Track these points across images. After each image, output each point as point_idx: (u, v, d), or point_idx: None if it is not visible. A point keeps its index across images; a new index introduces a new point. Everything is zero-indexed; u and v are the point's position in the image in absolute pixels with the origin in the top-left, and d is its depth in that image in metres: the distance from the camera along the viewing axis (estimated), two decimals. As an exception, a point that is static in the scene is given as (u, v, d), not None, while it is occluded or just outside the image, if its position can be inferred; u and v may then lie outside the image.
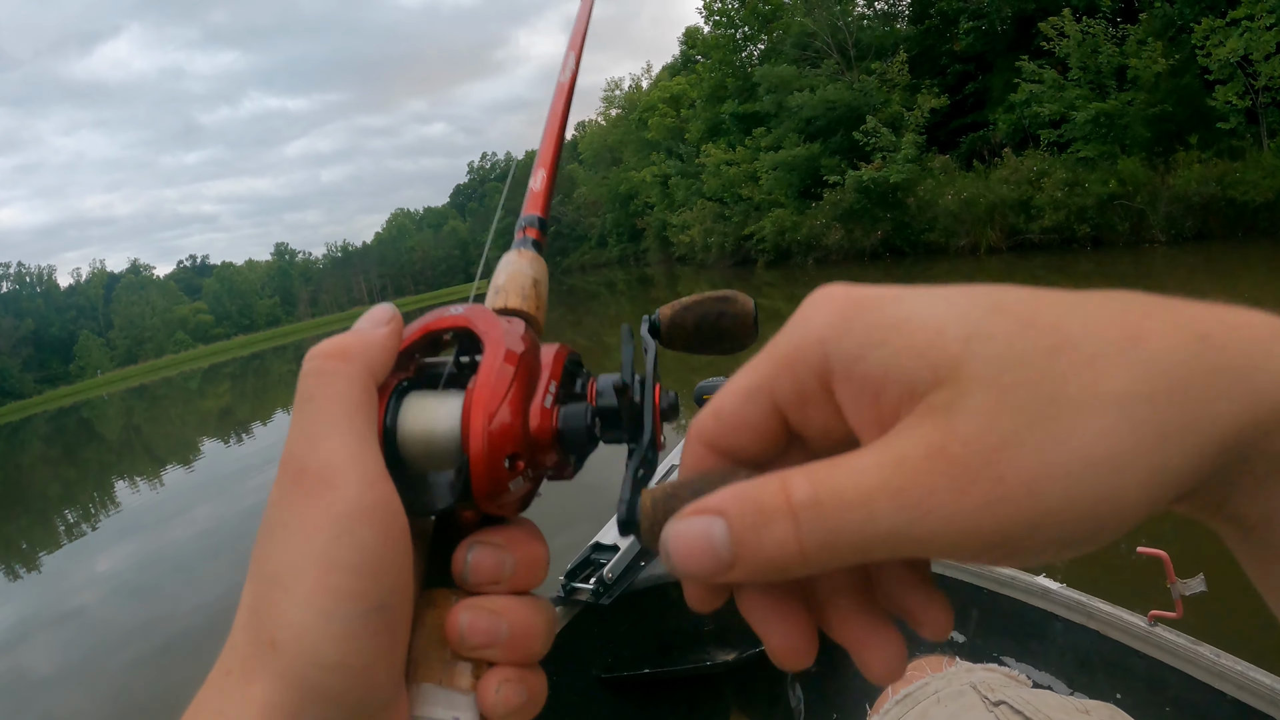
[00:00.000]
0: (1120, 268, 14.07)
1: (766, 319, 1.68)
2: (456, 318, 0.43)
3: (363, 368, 0.38)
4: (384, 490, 0.35)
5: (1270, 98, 14.13)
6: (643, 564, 2.36)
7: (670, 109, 44.78)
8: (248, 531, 6.00)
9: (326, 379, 0.37)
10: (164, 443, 22.07)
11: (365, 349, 0.39)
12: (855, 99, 23.35)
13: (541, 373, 0.41)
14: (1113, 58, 16.13)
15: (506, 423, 0.38)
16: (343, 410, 0.36)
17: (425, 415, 0.40)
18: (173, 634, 6.36)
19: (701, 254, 34.48)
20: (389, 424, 0.39)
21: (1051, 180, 16.68)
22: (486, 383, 0.38)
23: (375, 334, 0.40)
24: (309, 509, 0.34)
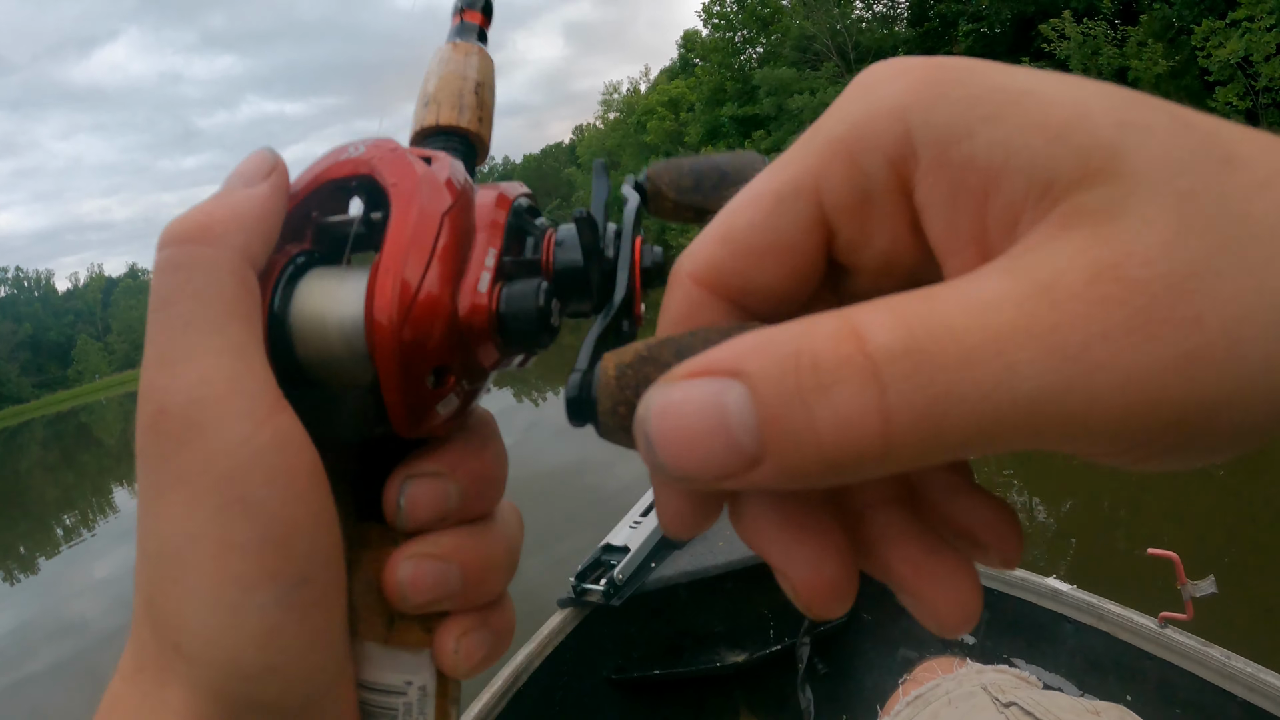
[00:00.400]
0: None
1: None
2: (356, 159, 0.30)
3: (233, 249, 0.27)
4: (280, 424, 0.26)
5: (1270, 98, 14.14)
6: (653, 565, 2.36)
7: (669, 112, 44.79)
8: None
9: (184, 273, 0.26)
10: None
11: (235, 219, 0.28)
12: (855, 101, 23.39)
13: (477, 235, 0.29)
14: (1113, 59, 16.13)
15: (424, 318, 0.27)
16: (210, 315, 0.26)
17: (322, 306, 0.29)
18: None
19: (700, 257, 34.38)
20: (278, 318, 0.28)
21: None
22: (392, 258, 0.27)
23: (250, 195, 0.29)
24: (181, 464, 0.25)
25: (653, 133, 44.94)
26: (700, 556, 2.40)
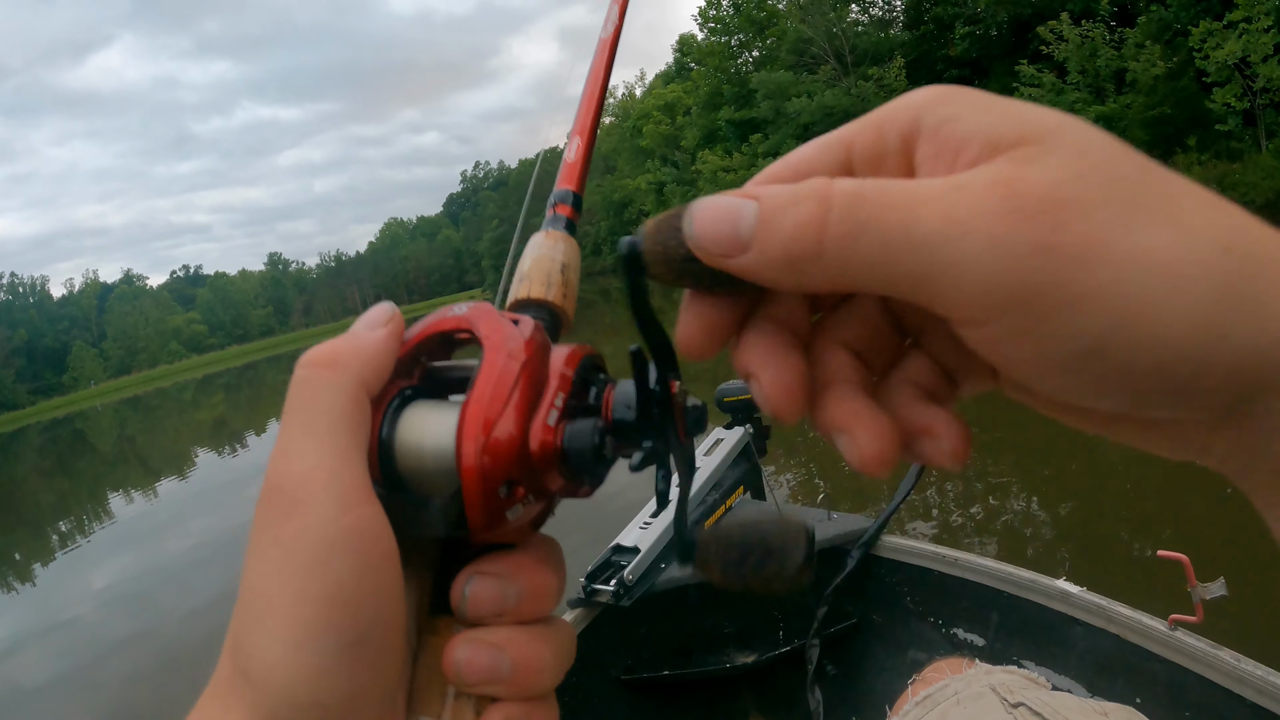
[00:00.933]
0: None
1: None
2: (459, 318, 0.38)
3: (353, 376, 0.34)
4: (365, 514, 0.32)
5: (1268, 99, 14.17)
6: (663, 566, 2.34)
7: (665, 116, 44.88)
8: (242, 543, 6.08)
9: (311, 389, 0.34)
10: (158, 454, 21.95)
11: (358, 355, 0.35)
12: (853, 105, 23.35)
13: (549, 382, 0.36)
14: (1111, 61, 16.14)
15: (501, 445, 0.34)
16: (326, 423, 0.32)
17: (421, 431, 0.36)
18: (168, 646, 6.29)
19: (698, 260, 34.37)
20: (385, 437, 0.35)
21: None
22: (480, 398, 0.34)
23: (371, 337, 0.36)
24: (282, 532, 0.31)
25: (648, 137, 45.05)
26: None
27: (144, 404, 46.36)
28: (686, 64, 48.52)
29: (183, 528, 10.77)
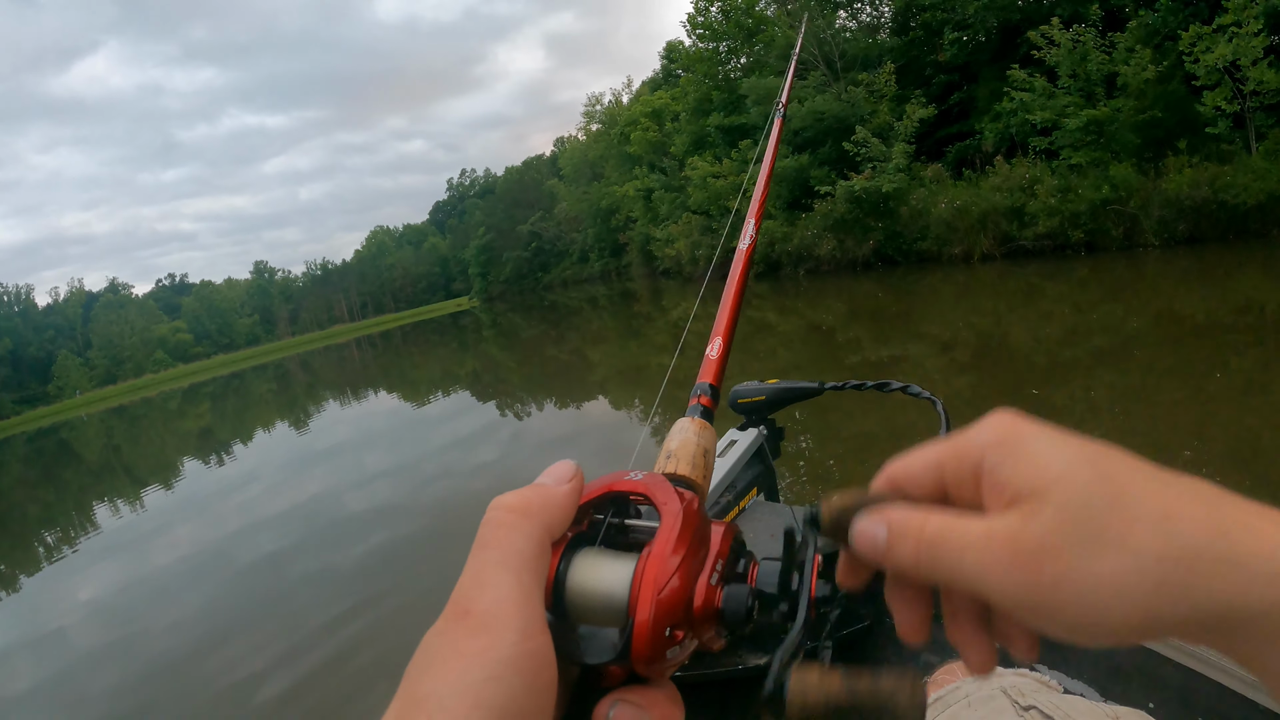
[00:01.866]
0: (1115, 271, 14.17)
1: (756, 330, 5.22)
2: (636, 483, 0.47)
3: (539, 523, 0.41)
4: (540, 643, 0.37)
5: (1258, 102, 14.26)
6: None
7: (652, 123, 44.81)
8: (227, 553, 5.90)
9: (503, 530, 0.40)
10: (143, 464, 21.82)
11: (544, 506, 0.42)
12: (843, 110, 23.36)
13: (710, 550, 0.44)
14: (1102, 65, 16.19)
15: (675, 595, 0.41)
16: (514, 562, 0.39)
17: (595, 573, 0.43)
18: (153, 658, 6.23)
19: (688, 267, 34.33)
20: (560, 575, 0.42)
21: (1045, 187, 16.71)
22: (661, 554, 0.42)
23: (556, 491, 0.43)
24: (466, 647, 0.36)
25: (636, 144, 44.95)
26: None
27: (130, 413, 45.94)
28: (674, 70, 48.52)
29: (169, 538, 10.70)
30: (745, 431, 2.76)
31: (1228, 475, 5.04)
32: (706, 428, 0.65)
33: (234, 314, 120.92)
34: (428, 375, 26.07)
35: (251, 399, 35.11)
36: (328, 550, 7.85)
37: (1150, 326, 9.71)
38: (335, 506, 9.79)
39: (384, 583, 6.61)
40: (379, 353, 46.60)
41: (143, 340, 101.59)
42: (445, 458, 11.33)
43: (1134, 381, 7.60)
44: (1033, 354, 9.58)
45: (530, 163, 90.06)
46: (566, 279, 69.46)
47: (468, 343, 36.28)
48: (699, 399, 0.70)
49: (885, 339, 12.60)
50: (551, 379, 17.90)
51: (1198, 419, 6.23)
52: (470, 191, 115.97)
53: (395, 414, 18.13)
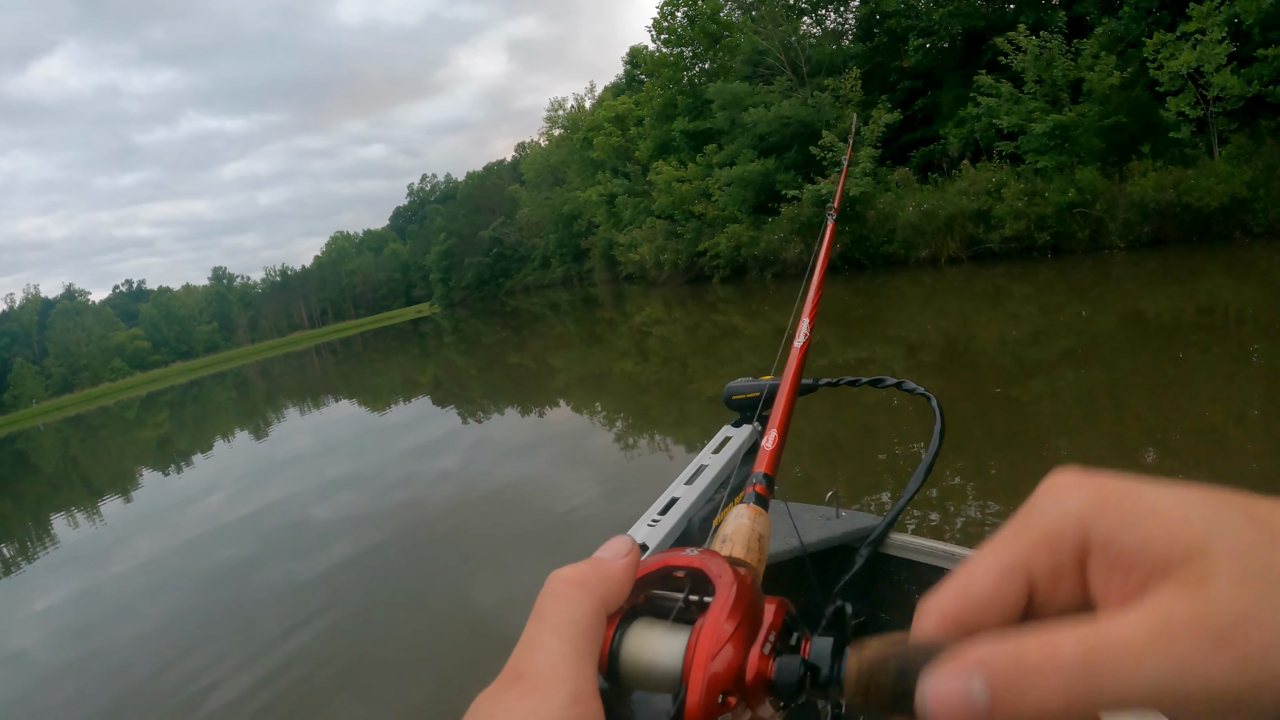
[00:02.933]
0: (1080, 273, 14.30)
1: (723, 334, 5.42)
2: (692, 559, 0.47)
3: (596, 596, 0.42)
4: (591, 707, 0.38)
5: (1221, 108, 14.50)
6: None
7: (616, 128, 44.80)
8: (187, 565, 5.75)
9: (558, 601, 0.41)
10: (102, 474, 21.27)
11: (601, 580, 0.43)
12: (809, 115, 23.45)
13: (763, 622, 0.45)
14: (1068, 71, 16.38)
15: (728, 662, 0.41)
16: (569, 630, 0.39)
17: (649, 642, 0.43)
18: (112, 672, 6.05)
19: (653, 272, 34.31)
20: (614, 645, 0.43)
21: (1011, 190, 16.86)
22: (715, 623, 0.42)
23: (613, 565, 0.44)
24: (517, 709, 0.37)
25: (599, 149, 44.93)
26: None
27: (87, 423, 44.94)
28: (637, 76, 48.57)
29: (128, 550, 10.38)
30: (739, 428, 2.69)
31: (1190, 472, 5.07)
32: (761, 514, 0.69)
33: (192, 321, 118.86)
34: (388, 382, 25.76)
35: (211, 407, 34.51)
36: (288, 560, 7.64)
37: (1116, 327, 9.79)
38: (296, 516, 9.57)
39: (344, 593, 6.46)
40: (339, 360, 46.05)
41: (100, 348, 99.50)
42: (406, 466, 11.12)
43: (1099, 380, 7.65)
44: (999, 355, 9.61)
45: (492, 168, 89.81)
46: (528, 285, 69.30)
47: (429, 349, 35.92)
48: (754, 487, 0.77)
49: (852, 341, 12.59)
50: (513, 385, 17.74)
51: (1161, 416, 6.29)
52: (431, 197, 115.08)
53: (356, 421, 17.83)
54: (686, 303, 25.02)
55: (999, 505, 5.22)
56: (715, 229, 27.51)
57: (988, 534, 1.48)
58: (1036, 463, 5.92)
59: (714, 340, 16.38)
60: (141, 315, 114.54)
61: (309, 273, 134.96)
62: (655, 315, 23.94)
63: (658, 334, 19.80)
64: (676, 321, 21.54)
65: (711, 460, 2.52)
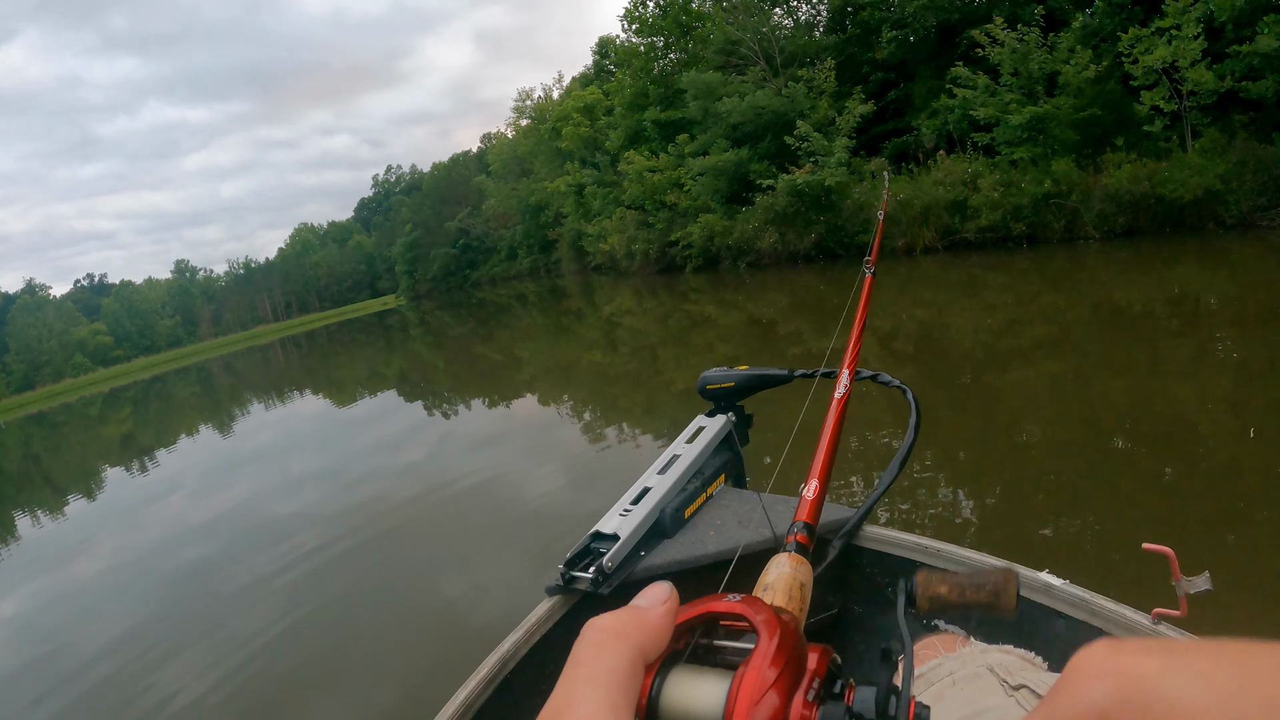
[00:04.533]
0: (1055, 263, 14.40)
1: (695, 324, 5.36)
2: (734, 605, 0.47)
3: (633, 644, 0.41)
4: None
5: (1195, 102, 14.71)
6: (643, 553, 2.29)
7: (585, 118, 44.70)
8: (152, 564, 5.88)
9: (594, 650, 0.40)
10: (64, 473, 20.79)
11: (639, 628, 0.42)
12: (783, 105, 23.44)
13: (806, 669, 0.44)
14: (1044, 64, 16.51)
15: (771, 711, 0.41)
16: (605, 681, 0.39)
17: (689, 689, 0.43)
18: (75, 675, 5.85)
19: (624, 262, 34.19)
20: (653, 694, 0.43)
21: (988, 182, 16.93)
22: (758, 668, 0.42)
23: (651, 614, 0.44)
24: None
25: (568, 139, 44.85)
26: (691, 546, 2.32)
27: (49, 420, 43.95)
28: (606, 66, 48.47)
29: (92, 550, 10.18)
30: (714, 418, 2.75)
31: (1158, 456, 5.17)
32: (803, 563, 0.71)
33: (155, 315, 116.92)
34: (354, 376, 25.49)
35: (174, 403, 33.93)
36: (252, 557, 7.49)
37: (1089, 315, 9.85)
38: (261, 512, 9.42)
39: (310, 590, 6.36)
40: (304, 353, 45.54)
41: (61, 343, 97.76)
42: (373, 460, 10.96)
43: (1071, 368, 7.71)
44: (973, 344, 9.62)
45: (458, 159, 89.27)
46: (495, 276, 68.99)
47: (394, 342, 35.64)
48: (795, 536, 0.79)
49: (826, 331, 12.54)
50: (480, 377, 17.60)
51: (1131, 403, 6.33)
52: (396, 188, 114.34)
53: (321, 416, 17.64)
54: (658, 292, 24.96)
55: (977, 498, 5.23)
56: (688, 219, 27.41)
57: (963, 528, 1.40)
58: (1008, 449, 5.99)
59: (686, 330, 16.32)
60: (104, 310, 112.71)
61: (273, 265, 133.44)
62: (625, 305, 23.85)
63: (628, 324, 19.74)
64: (648, 311, 21.47)
65: (685, 450, 2.58)
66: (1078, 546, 4.58)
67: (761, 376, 2.61)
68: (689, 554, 2.29)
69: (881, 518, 5.01)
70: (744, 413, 2.79)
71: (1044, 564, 1.91)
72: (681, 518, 2.44)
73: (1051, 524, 4.89)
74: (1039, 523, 4.91)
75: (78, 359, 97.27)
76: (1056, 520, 4.94)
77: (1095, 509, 5.05)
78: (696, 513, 2.51)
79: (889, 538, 2.35)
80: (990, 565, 1.93)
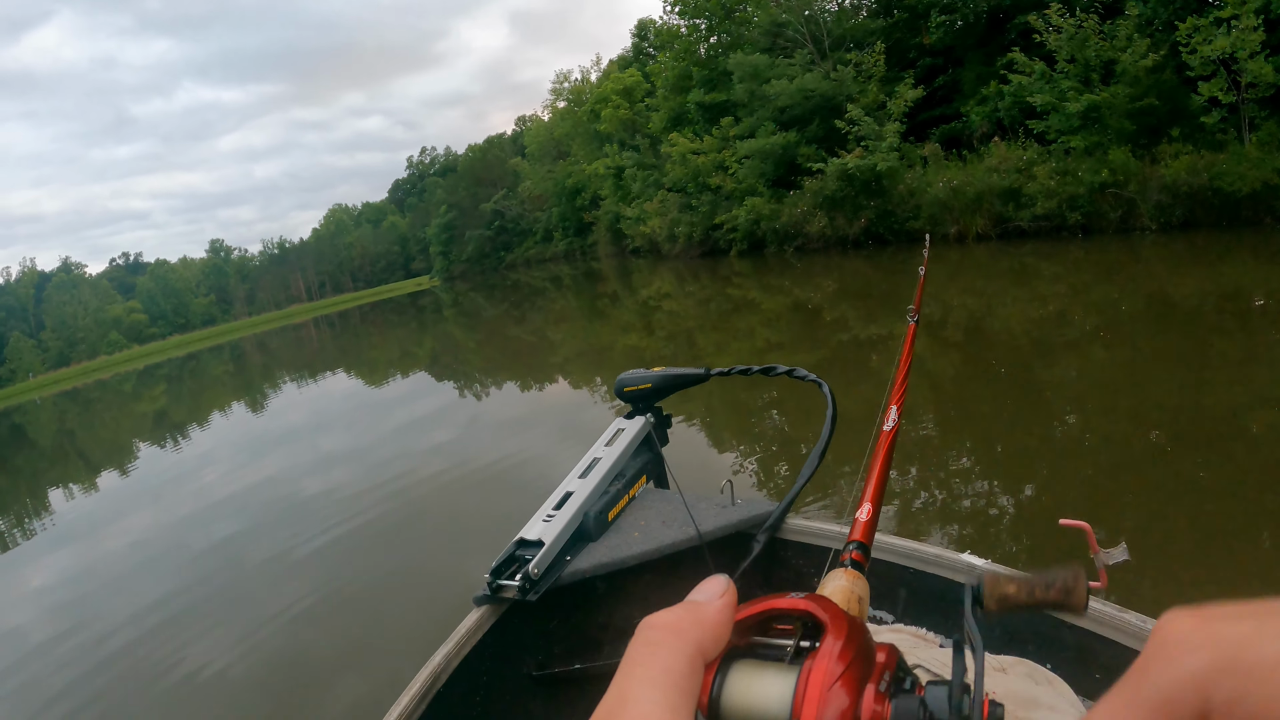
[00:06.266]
0: (1111, 254, 14.32)
1: (737, 309, 5.63)
2: (798, 601, 0.46)
3: (690, 640, 0.39)
4: None
5: (1254, 95, 14.48)
6: (568, 558, 2.34)
7: (624, 100, 44.60)
8: (184, 542, 6.77)
9: (650, 649, 0.39)
10: (99, 448, 21.27)
11: (696, 623, 0.40)
12: (832, 89, 23.33)
13: (876, 663, 0.43)
14: (1102, 51, 16.30)
15: (842, 704, 0.39)
16: (663, 680, 0.37)
17: (754, 685, 0.41)
18: (106, 647, 6.01)
19: (665, 245, 34.21)
20: (714, 691, 0.41)
21: (1044, 169, 16.79)
22: (826, 662, 0.40)
23: (707, 608, 0.41)
24: None
25: (607, 121, 44.79)
26: (616, 548, 2.39)
27: (84, 396, 44.62)
28: (645, 49, 48.30)
29: (124, 524, 10.48)
30: (632, 419, 2.81)
31: (1205, 454, 5.11)
32: (860, 578, 0.76)
33: (190, 294, 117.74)
34: (386, 356, 25.78)
35: (208, 381, 34.36)
36: (283, 534, 7.64)
37: (1142, 308, 9.82)
38: (290, 489, 9.59)
39: (340, 566, 6.48)
40: (337, 333, 45.97)
41: (96, 321, 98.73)
42: (402, 440, 11.11)
43: (1122, 360, 7.67)
44: (1022, 334, 9.62)
45: (493, 141, 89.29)
46: (530, 258, 69.08)
47: (427, 323, 35.93)
48: (850, 554, 0.84)
49: (873, 318, 12.59)
50: (512, 359, 17.74)
51: (1180, 400, 6.28)
52: (430, 170, 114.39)
53: (352, 395, 17.85)
54: (700, 276, 25.01)
55: (897, 486, 5.29)
56: (732, 202, 27.34)
57: (884, 516, 1.41)
58: (1045, 441, 5.96)
59: (727, 315, 16.32)
60: (138, 288, 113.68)
61: (307, 245, 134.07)
62: (665, 289, 23.91)
63: (666, 308, 19.80)
64: (689, 295, 21.52)
65: (605, 453, 2.64)
66: (998, 525, 4.76)
67: (678, 376, 2.69)
68: (615, 556, 2.35)
69: (915, 504, 5.16)
70: (662, 413, 2.87)
71: (965, 545, 2.04)
72: (605, 520, 2.51)
73: (972, 505, 5.07)
74: (960, 505, 5.09)
75: (113, 336, 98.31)
76: (976, 501, 5.12)
77: (1013, 489, 5.24)
78: (620, 515, 2.58)
79: (812, 529, 2.44)
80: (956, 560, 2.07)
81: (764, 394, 8.52)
